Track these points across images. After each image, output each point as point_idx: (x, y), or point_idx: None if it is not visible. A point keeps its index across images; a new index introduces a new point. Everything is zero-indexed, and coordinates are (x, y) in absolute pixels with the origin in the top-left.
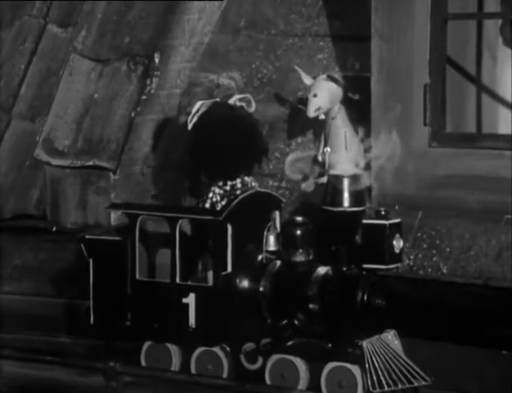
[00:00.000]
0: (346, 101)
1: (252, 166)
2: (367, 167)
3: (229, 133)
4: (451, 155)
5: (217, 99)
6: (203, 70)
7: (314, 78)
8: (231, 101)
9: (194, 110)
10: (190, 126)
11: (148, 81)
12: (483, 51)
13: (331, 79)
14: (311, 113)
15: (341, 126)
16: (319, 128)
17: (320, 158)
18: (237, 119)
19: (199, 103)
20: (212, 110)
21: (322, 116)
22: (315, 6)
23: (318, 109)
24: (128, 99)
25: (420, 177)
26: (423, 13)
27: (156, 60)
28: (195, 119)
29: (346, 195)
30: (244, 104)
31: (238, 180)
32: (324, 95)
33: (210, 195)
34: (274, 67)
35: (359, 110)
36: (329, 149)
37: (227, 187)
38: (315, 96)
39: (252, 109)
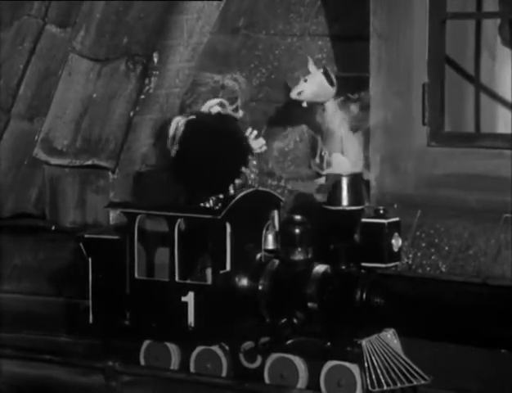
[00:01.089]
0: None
1: (240, 171)
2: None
3: (211, 151)
4: (450, 154)
5: (193, 116)
6: (202, 70)
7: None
8: (205, 109)
9: (171, 132)
10: (172, 152)
11: (147, 81)
12: (482, 50)
13: (325, 72)
14: (293, 94)
15: (337, 129)
16: (316, 130)
17: (317, 160)
18: (216, 133)
19: (174, 121)
20: (189, 130)
21: (305, 104)
22: (313, 5)
23: (300, 93)
24: (126, 98)
25: (419, 176)
26: (421, 13)
27: (155, 59)
28: (175, 147)
29: (345, 194)
30: (219, 109)
31: (230, 187)
32: (312, 84)
33: (206, 203)
34: (273, 67)
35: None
36: (326, 152)
37: (220, 196)
38: (305, 81)
39: (228, 110)
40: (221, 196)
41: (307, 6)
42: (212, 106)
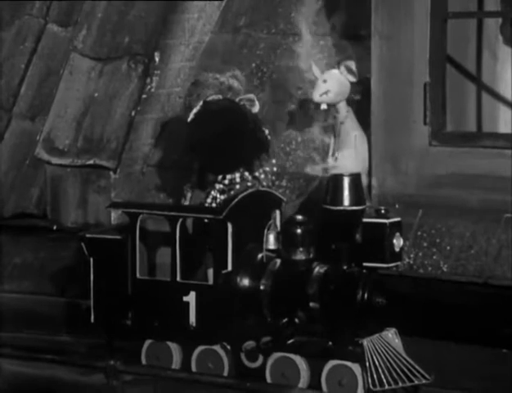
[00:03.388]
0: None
1: (251, 161)
2: None
3: (228, 126)
4: (452, 154)
5: (220, 96)
6: (203, 69)
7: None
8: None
9: (195, 110)
10: (189, 118)
11: (148, 80)
12: (483, 49)
13: (347, 69)
14: (316, 96)
15: (351, 130)
16: (326, 130)
17: (330, 160)
18: (238, 113)
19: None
20: (213, 103)
21: (325, 106)
22: (315, 4)
23: (325, 93)
24: (128, 98)
25: (421, 176)
26: (423, 12)
27: (156, 59)
28: (194, 110)
29: (346, 193)
30: (247, 104)
31: (237, 174)
32: (334, 83)
33: (212, 190)
34: (274, 66)
35: (359, 111)
36: (339, 153)
37: (226, 181)
38: (324, 81)
39: (256, 109)
40: (226, 181)
41: (308, 6)
42: (243, 99)
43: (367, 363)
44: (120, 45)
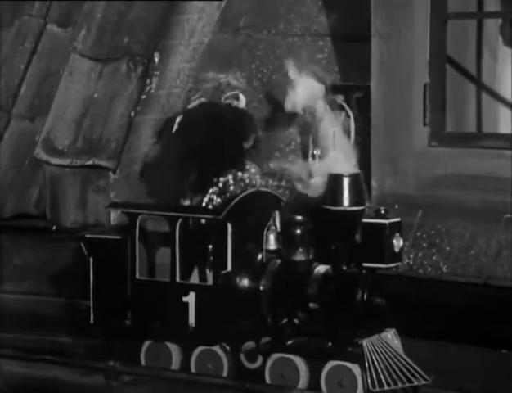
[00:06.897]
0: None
1: (241, 159)
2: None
3: (212, 130)
4: (451, 154)
5: (203, 99)
6: (203, 70)
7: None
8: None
9: (178, 119)
10: (174, 129)
11: (148, 81)
12: (483, 50)
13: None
14: (288, 107)
15: (329, 126)
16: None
17: (310, 160)
18: (220, 115)
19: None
20: (193, 111)
21: (301, 111)
22: (315, 5)
23: (294, 104)
24: (127, 99)
25: (420, 176)
26: (423, 13)
27: (156, 59)
28: (177, 120)
29: (346, 194)
30: (230, 101)
31: (230, 176)
32: (302, 89)
33: (207, 192)
34: (274, 67)
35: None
36: (319, 151)
37: (220, 184)
38: (293, 88)
39: (242, 103)
40: (220, 184)
41: (308, 6)
42: (227, 96)
43: (367, 364)
44: (120, 46)
